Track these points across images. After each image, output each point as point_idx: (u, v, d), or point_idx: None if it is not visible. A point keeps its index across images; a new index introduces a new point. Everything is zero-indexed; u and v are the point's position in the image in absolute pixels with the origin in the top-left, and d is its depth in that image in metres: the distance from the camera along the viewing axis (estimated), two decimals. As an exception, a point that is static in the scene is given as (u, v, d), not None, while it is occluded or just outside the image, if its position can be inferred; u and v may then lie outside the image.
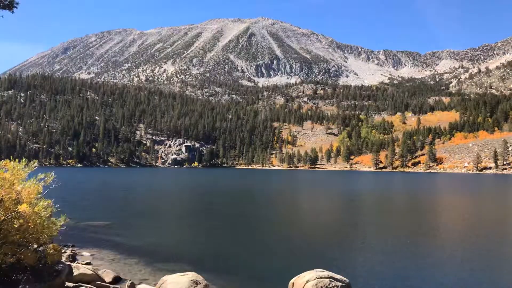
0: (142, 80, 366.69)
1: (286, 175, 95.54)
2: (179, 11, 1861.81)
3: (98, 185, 48.98)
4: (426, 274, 10.67)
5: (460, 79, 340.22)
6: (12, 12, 9.59)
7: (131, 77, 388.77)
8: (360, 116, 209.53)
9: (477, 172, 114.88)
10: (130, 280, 9.11)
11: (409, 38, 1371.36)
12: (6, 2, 9.43)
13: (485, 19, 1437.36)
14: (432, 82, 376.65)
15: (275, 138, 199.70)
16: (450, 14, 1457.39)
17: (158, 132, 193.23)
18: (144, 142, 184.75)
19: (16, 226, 6.90)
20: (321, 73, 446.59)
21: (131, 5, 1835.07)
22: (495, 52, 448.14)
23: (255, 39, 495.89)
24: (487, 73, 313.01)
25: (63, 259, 9.71)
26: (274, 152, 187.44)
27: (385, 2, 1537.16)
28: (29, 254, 7.05)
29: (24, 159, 7.92)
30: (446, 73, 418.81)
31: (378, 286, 9.74)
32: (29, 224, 7.02)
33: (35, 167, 7.79)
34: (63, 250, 9.89)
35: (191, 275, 8.44)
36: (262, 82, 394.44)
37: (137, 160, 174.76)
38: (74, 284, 8.20)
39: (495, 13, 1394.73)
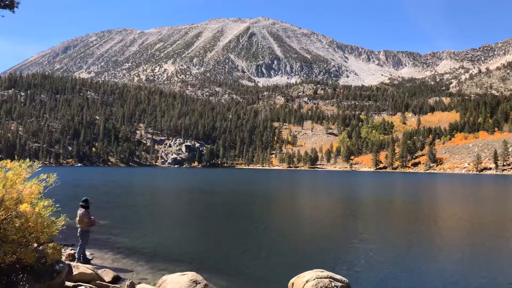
0: (143, 80, 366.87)
1: (286, 175, 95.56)
2: (180, 11, 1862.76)
3: (98, 185, 48.99)
4: (426, 274, 10.69)
5: (461, 80, 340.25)
6: (13, 11, 9.58)
7: (131, 76, 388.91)
8: (360, 116, 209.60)
9: (477, 172, 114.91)
10: (129, 280, 9.12)
11: (410, 39, 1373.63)
12: (7, 2, 9.42)
13: (486, 19, 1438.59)
14: (432, 83, 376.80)
15: (275, 138, 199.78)
16: (450, 14, 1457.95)
17: (158, 132, 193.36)
18: (144, 142, 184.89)
19: (16, 225, 6.91)
20: (322, 73, 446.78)
21: (131, 5, 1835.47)
22: (495, 52, 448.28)
23: (256, 39, 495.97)
24: (488, 74, 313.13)
25: (63, 258, 9.73)
26: (274, 152, 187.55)
27: (385, 2, 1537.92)
28: (29, 253, 7.06)
29: (27, 159, 7.94)
30: (446, 73, 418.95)
31: (378, 286, 9.75)
32: (30, 223, 7.03)
33: (39, 168, 7.80)
34: (63, 250, 9.90)
35: (191, 275, 8.46)
36: (262, 82, 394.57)
37: (137, 160, 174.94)
38: (73, 284, 8.21)
39: (496, 14, 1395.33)
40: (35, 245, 7.43)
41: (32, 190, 7.24)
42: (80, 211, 11.07)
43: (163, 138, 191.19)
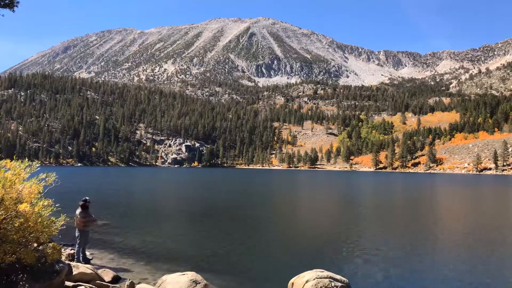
0: (143, 80, 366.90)
1: (286, 175, 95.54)
2: (180, 11, 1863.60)
3: (98, 185, 48.98)
4: (426, 274, 10.68)
5: (461, 80, 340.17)
6: (13, 11, 9.57)
7: (131, 76, 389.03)
8: (360, 116, 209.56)
9: (477, 173, 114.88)
10: (129, 280, 9.11)
11: (410, 39, 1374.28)
12: (7, 1, 9.41)
13: (486, 19, 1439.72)
14: (432, 83, 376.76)
15: (275, 138, 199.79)
16: (450, 14, 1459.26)
17: (158, 132, 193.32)
18: (144, 142, 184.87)
19: (16, 225, 6.90)
20: (322, 73, 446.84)
21: (131, 5, 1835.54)
22: (495, 53, 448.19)
23: (256, 39, 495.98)
24: (488, 74, 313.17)
25: (63, 258, 9.72)
26: (274, 152, 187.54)
27: (385, 2, 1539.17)
28: (29, 253, 7.05)
29: (26, 159, 7.93)
30: (446, 73, 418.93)
31: (378, 286, 9.74)
32: (29, 223, 7.02)
33: (37, 168, 7.79)
34: (63, 250, 9.89)
35: (191, 275, 8.45)
36: (262, 82, 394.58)
37: (137, 160, 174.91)
38: (73, 283, 8.20)
39: (496, 14, 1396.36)
40: (35, 245, 7.42)
41: (32, 189, 7.23)
42: (79, 210, 10.93)
43: (163, 138, 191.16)
